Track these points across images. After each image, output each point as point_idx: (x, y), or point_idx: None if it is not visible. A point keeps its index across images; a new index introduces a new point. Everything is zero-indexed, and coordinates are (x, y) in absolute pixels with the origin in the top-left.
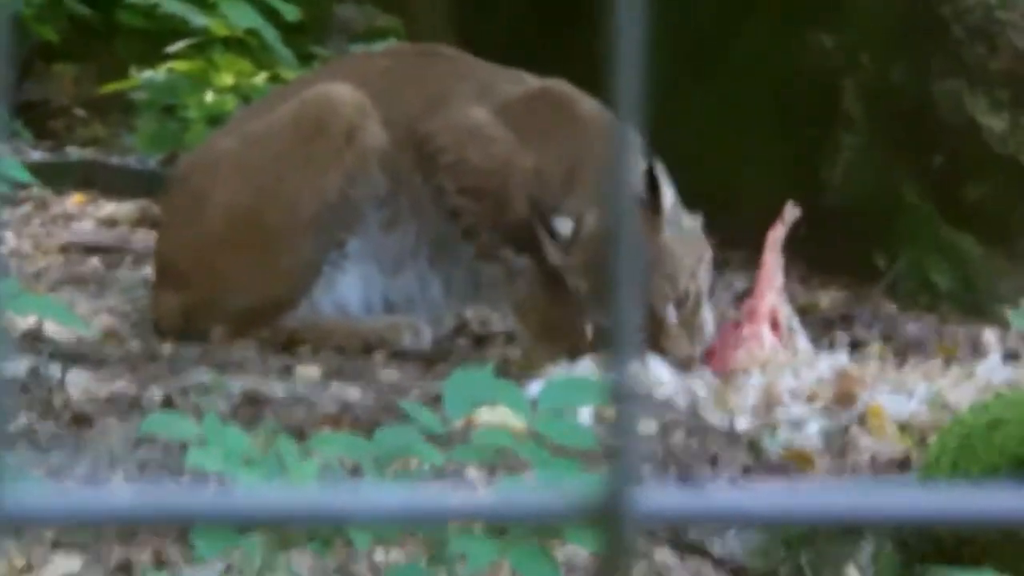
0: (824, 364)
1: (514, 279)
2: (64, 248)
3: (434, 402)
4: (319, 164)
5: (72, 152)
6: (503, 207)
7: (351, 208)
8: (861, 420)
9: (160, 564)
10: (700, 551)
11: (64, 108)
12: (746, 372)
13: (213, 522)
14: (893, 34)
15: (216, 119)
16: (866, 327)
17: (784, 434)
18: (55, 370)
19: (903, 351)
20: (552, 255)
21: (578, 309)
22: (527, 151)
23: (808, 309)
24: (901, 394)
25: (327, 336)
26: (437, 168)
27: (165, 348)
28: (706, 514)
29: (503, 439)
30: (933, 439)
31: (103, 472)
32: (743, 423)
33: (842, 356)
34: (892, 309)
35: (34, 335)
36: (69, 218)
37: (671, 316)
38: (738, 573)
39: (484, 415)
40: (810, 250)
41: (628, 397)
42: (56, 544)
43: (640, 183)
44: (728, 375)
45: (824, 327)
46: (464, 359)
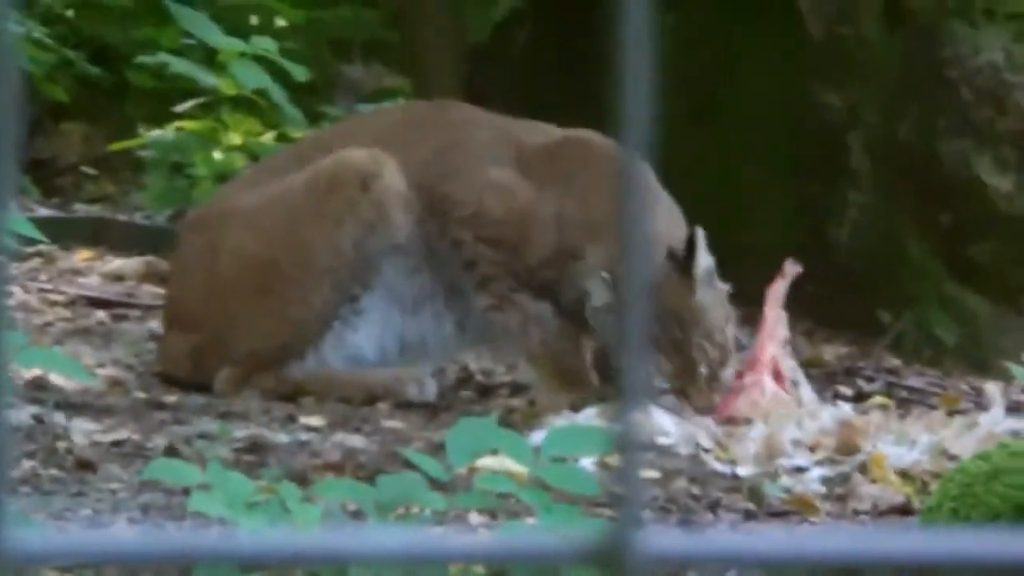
0: (827, 415)
1: (528, 327)
2: (71, 302)
3: (437, 451)
4: (334, 215)
5: (79, 209)
6: (523, 253)
7: (367, 262)
8: (863, 468)
9: None
10: None
11: (72, 166)
12: (748, 421)
13: (215, 562)
14: (899, 92)
15: (224, 177)
16: (870, 380)
17: (786, 481)
18: (59, 418)
19: (906, 403)
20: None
21: (595, 357)
22: (548, 199)
23: (813, 363)
24: (903, 444)
25: (332, 387)
26: (454, 222)
27: (169, 398)
28: (707, 556)
29: (506, 485)
30: (935, 487)
31: (106, 516)
32: (745, 470)
33: (845, 407)
34: (896, 363)
35: (39, 384)
36: (76, 273)
37: (703, 371)
38: None
39: (487, 463)
40: (815, 305)
41: (633, 445)
42: None
43: (681, 246)
44: (731, 424)
45: (828, 380)
46: (468, 409)
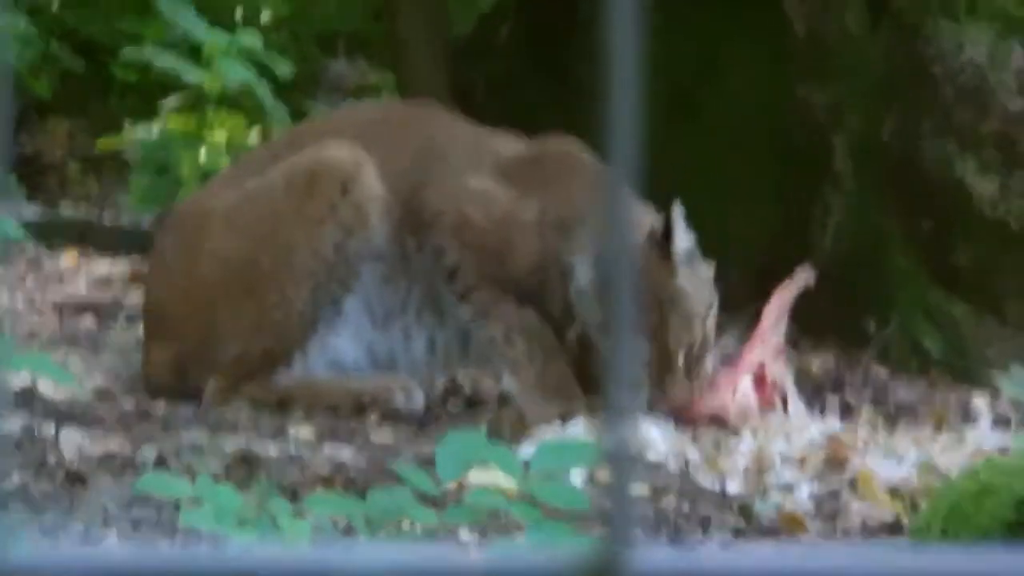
0: (815, 429)
1: (512, 336)
2: (58, 307)
3: (427, 464)
4: (314, 217)
5: (66, 210)
6: (507, 260)
7: (346, 264)
8: (852, 485)
9: None
10: None
11: (57, 164)
12: (738, 436)
13: None
14: (883, 90)
15: (209, 178)
16: (857, 392)
17: (775, 498)
18: (49, 429)
19: (894, 416)
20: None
21: (578, 364)
22: (529, 207)
23: (800, 374)
24: (891, 459)
25: (320, 395)
26: (436, 230)
27: (158, 408)
28: (697, 574)
29: (496, 500)
30: (924, 504)
31: (97, 531)
32: (734, 487)
33: (833, 421)
34: (882, 373)
35: (28, 394)
36: (63, 277)
37: (679, 359)
38: None
39: (476, 477)
40: (800, 313)
41: (622, 459)
42: None
43: (659, 227)
44: (719, 435)
45: (815, 391)
46: (456, 421)
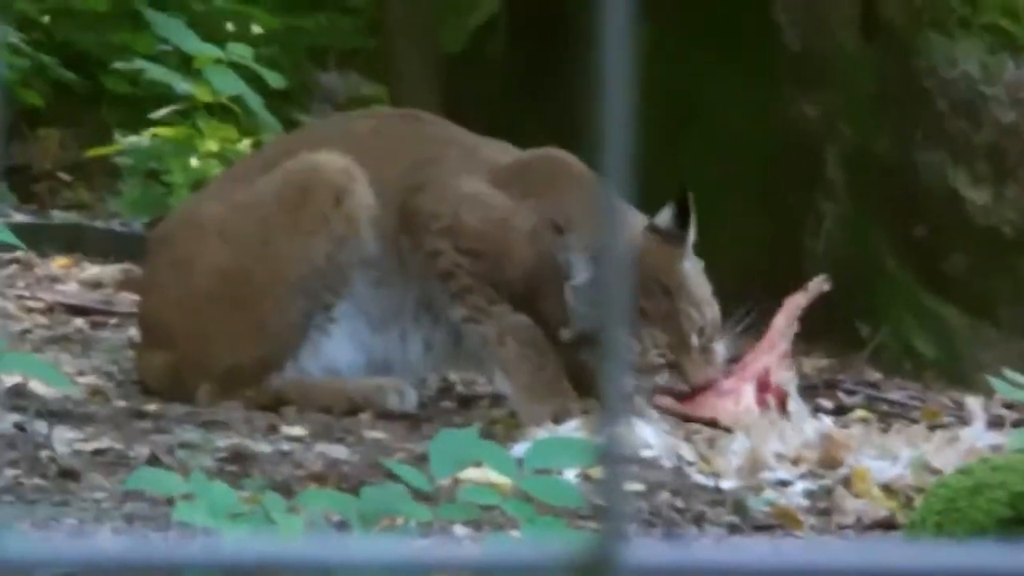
0: (809, 429)
1: (505, 339)
2: (49, 309)
3: (420, 462)
4: (307, 229)
5: (56, 215)
6: (501, 264)
7: (338, 272)
8: (846, 482)
9: None
10: None
11: (48, 172)
12: (731, 435)
13: (200, 571)
14: (876, 103)
15: (200, 184)
16: (850, 394)
17: (769, 495)
18: (41, 427)
19: (887, 417)
20: (568, 297)
21: (572, 367)
22: (524, 212)
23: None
24: (886, 458)
25: (313, 396)
26: (431, 233)
27: (150, 407)
28: (690, 569)
29: (490, 497)
30: (918, 501)
31: (90, 525)
32: (728, 483)
33: (827, 421)
34: (876, 376)
35: (19, 392)
36: (54, 280)
37: (694, 341)
38: None
39: (470, 474)
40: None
41: (615, 457)
42: None
43: (668, 210)
44: (714, 435)
45: (809, 393)
46: (449, 420)
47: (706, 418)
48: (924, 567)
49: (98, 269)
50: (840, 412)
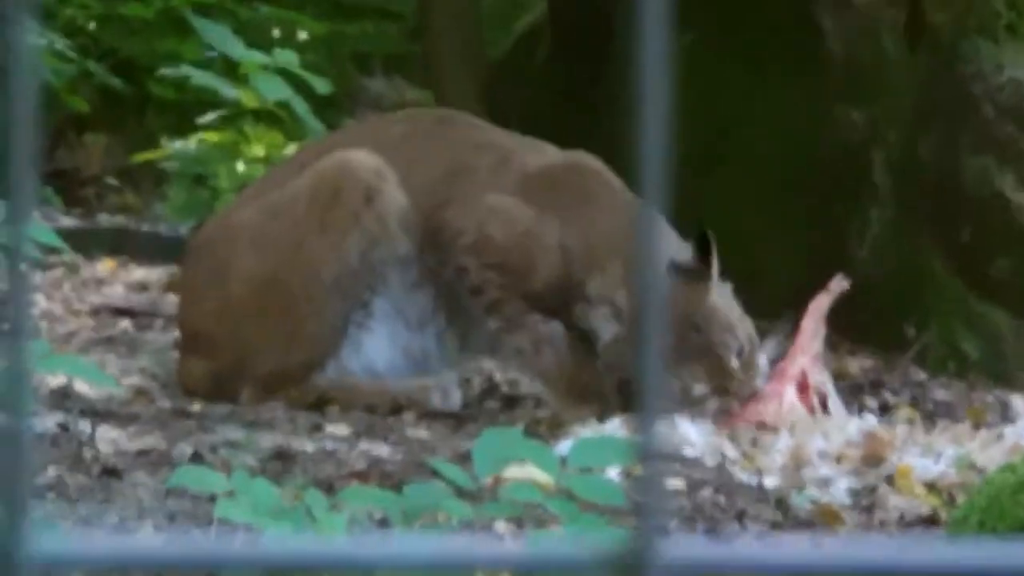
0: (853, 427)
1: (541, 348)
2: (95, 311)
3: (463, 460)
4: (338, 228)
5: (103, 219)
6: (530, 276)
7: (372, 271)
8: (889, 480)
9: None
10: None
11: (95, 177)
12: (774, 431)
13: (242, 569)
14: (921, 109)
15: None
16: (895, 393)
17: (812, 492)
18: (85, 426)
19: (932, 416)
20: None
21: (607, 372)
22: (551, 224)
23: (838, 375)
24: (929, 456)
25: (356, 396)
26: (457, 250)
27: (194, 407)
28: (730, 565)
29: (532, 495)
30: (961, 499)
31: (132, 523)
32: (771, 481)
33: (871, 420)
34: (921, 376)
35: (64, 392)
36: (100, 282)
37: (734, 364)
38: None
39: (512, 472)
40: (839, 318)
41: (655, 453)
42: None
43: (689, 248)
44: (757, 434)
45: (854, 392)
46: (493, 420)
47: (756, 424)
48: (967, 564)
49: (144, 272)
50: (885, 411)
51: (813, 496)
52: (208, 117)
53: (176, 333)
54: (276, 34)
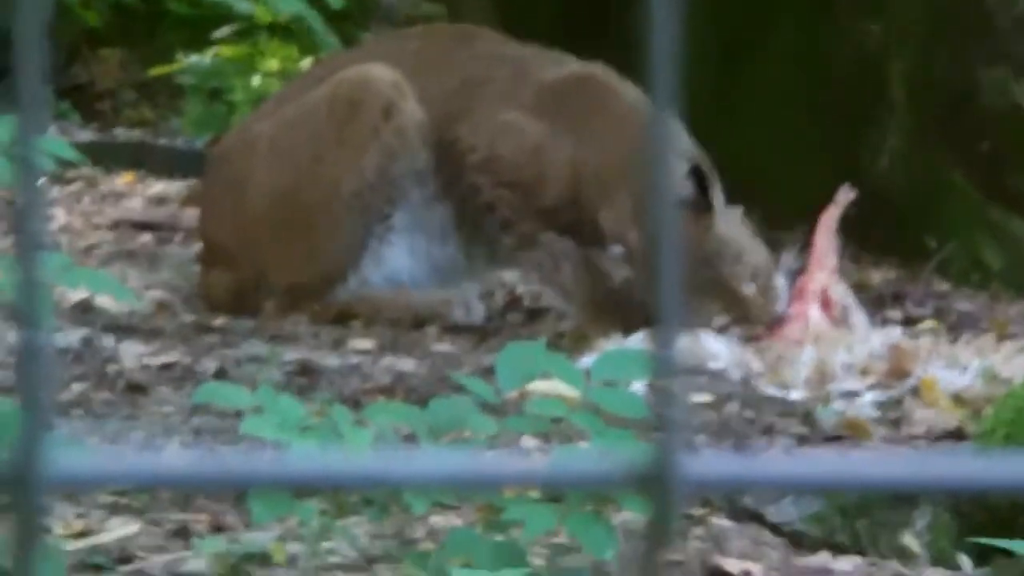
0: (877, 340)
1: (558, 263)
2: (114, 225)
3: (487, 374)
4: (357, 142)
5: (120, 133)
6: (540, 193)
7: (391, 183)
8: (915, 393)
9: (217, 529)
10: (757, 518)
11: (111, 91)
12: (798, 346)
13: (269, 486)
14: (937, 22)
15: (261, 103)
16: (918, 305)
17: (838, 405)
18: (108, 341)
19: (956, 328)
20: (606, 266)
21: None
22: (562, 141)
23: (860, 287)
24: (954, 368)
25: (378, 309)
26: (469, 167)
27: (217, 321)
28: (753, 480)
29: (557, 409)
30: (987, 411)
31: (158, 439)
32: (797, 395)
33: (895, 332)
34: (944, 287)
35: (85, 307)
36: (119, 196)
37: (750, 290)
38: (794, 540)
39: (537, 387)
40: (860, 231)
41: (675, 366)
42: (113, 509)
43: (687, 183)
44: (781, 350)
45: (876, 304)
46: (516, 333)
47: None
48: (994, 477)
49: (163, 185)
50: (909, 323)
51: (839, 410)
52: (223, 31)
53: (196, 247)
54: None
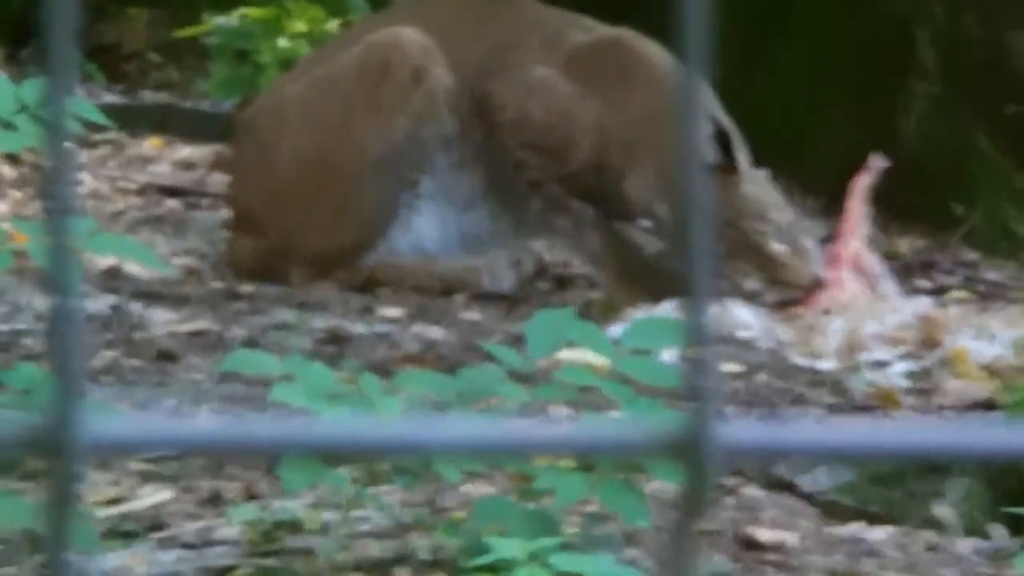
0: (907, 309)
1: (584, 230)
2: (141, 190)
3: (516, 343)
4: (386, 106)
5: (146, 95)
6: (566, 160)
7: (419, 149)
8: (945, 363)
9: (249, 496)
10: (789, 487)
11: (137, 52)
12: (829, 316)
13: (300, 453)
14: None
15: (289, 64)
16: (947, 273)
17: (869, 375)
18: (136, 308)
19: (985, 297)
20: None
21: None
22: (590, 104)
23: (889, 256)
24: (984, 338)
25: (406, 277)
26: (499, 126)
27: (245, 288)
28: (785, 448)
29: (587, 378)
30: (1018, 381)
31: (188, 406)
32: (827, 364)
33: (925, 301)
34: (972, 256)
35: (113, 273)
36: (146, 161)
37: (779, 249)
38: (827, 509)
39: (566, 355)
40: (887, 198)
41: (706, 334)
42: (145, 476)
43: (711, 145)
44: (812, 319)
45: (906, 273)
46: (545, 301)
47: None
48: (1022, 446)
49: (190, 150)
50: (938, 293)
51: (869, 379)
52: None
53: (224, 212)
54: None
